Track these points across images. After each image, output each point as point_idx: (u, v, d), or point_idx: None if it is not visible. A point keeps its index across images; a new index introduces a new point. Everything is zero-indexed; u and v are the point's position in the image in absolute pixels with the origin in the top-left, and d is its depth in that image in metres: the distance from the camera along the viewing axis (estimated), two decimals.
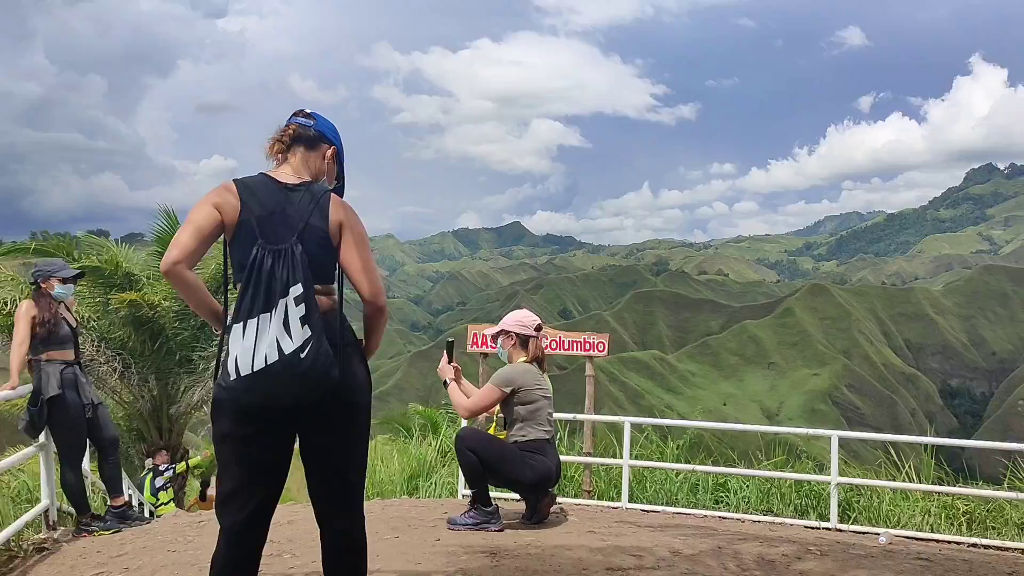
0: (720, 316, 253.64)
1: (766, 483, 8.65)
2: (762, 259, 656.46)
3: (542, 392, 5.92)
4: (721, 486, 9.03)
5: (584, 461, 9.03)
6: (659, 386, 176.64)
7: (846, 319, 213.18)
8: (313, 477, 3.09)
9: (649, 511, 8.15)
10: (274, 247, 2.87)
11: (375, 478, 10.74)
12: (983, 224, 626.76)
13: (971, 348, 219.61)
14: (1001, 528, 8.10)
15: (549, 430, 5.77)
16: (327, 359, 2.86)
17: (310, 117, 3.39)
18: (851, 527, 7.71)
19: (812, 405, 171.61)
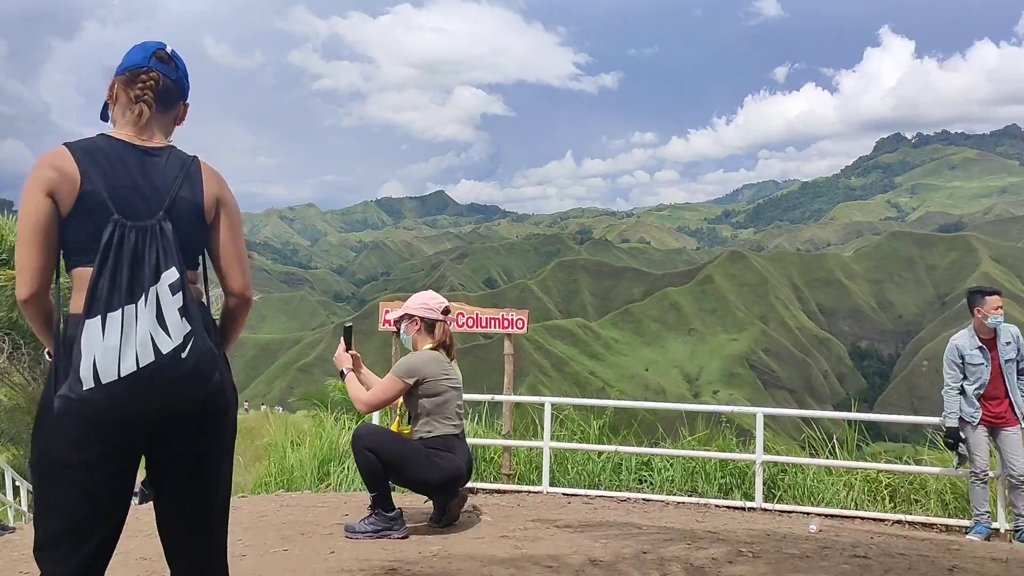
0: (642, 283, 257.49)
1: (691, 462, 8.35)
2: (683, 227, 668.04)
3: (450, 383, 5.30)
4: (645, 465, 8.71)
5: (503, 444, 8.58)
6: (583, 353, 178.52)
7: (763, 285, 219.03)
8: (166, 504, 2.48)
9: (571, 495, 7.77)
10: (137, 223, 2.29)
11: (285, 464, 10.07)
12: (891, 192, 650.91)
13: (879, 311, 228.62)
14: (923, 500, 7.99)
15: (458, 424, 5.15)
16: (211, 359, 2.34)
17: (171, 61, 2.62)
18: (777, 506, 7.48)
19: (731, 369, 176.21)
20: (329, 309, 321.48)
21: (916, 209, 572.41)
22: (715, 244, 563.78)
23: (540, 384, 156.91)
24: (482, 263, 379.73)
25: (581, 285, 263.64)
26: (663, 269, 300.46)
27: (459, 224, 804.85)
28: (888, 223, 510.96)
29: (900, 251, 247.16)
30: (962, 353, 7.11)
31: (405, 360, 5.25)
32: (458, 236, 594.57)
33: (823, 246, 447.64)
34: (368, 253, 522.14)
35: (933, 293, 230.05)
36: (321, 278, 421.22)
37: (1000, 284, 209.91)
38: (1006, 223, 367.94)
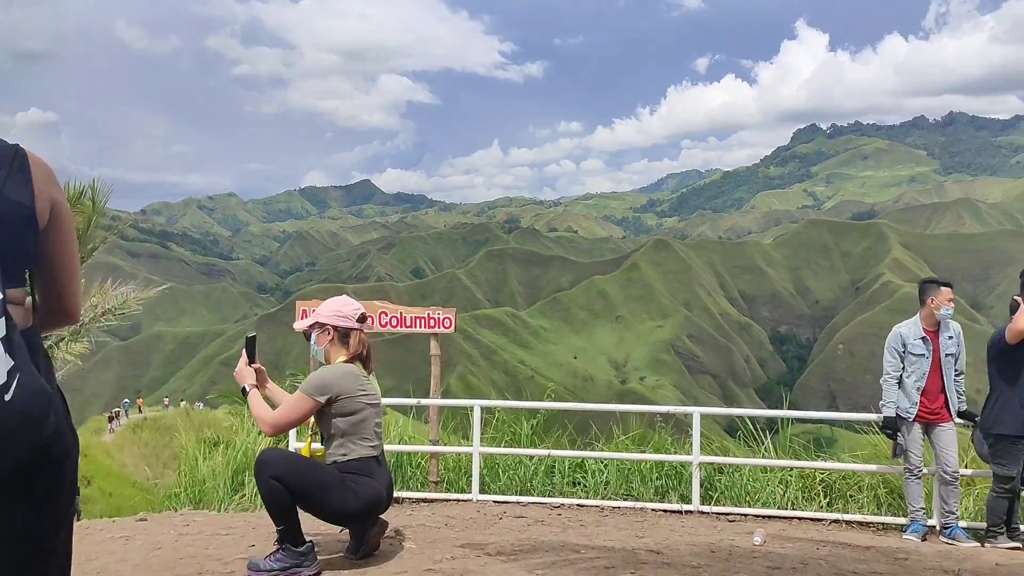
0: (570, 272, 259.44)
1: (625, 464, 8.05)
2: (609, 216, 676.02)
3: (368, 399, 4.72)
4: (579, 467, 8.37)
5: (431, 450, 8.11)
6: (512, 342, 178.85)
7: (687, 273, 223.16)
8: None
9: (502, 503, 7.37)
10: None
11: (196, 475, 9.37)
12: (808, 181, 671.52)
13: (797, 297, 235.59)
14: (857, 496, 7.88)
15: (377, 445, 4.58)
16: (43, 399, 1.82)
17: None
18: (715, 508, 7.24)
19: (656, 356, 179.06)
20: (252, 301, 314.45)
21: (831, 198, 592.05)
22: (641, 233, 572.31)
23: (469, 374, 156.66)
24: (409, 253, 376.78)
25: (509, 274, 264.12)
26: (590, 258, 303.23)
27: (386, 214, 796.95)
28: (805, 211, 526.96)
29: (816, 239, 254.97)
30: (905, 342, 6.99)
31: (316, 375, 4.67)
32: (385, 226, 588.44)
33: (744, 234, 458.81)
34: (292, 243, 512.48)
35: (847, 279, 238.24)
36: (243, 269, 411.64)
37: (909, 270, 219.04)
38: (914, 211, 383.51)
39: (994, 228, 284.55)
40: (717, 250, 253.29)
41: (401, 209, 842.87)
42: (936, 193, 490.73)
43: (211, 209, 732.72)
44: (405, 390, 52.89)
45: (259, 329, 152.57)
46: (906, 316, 7.57)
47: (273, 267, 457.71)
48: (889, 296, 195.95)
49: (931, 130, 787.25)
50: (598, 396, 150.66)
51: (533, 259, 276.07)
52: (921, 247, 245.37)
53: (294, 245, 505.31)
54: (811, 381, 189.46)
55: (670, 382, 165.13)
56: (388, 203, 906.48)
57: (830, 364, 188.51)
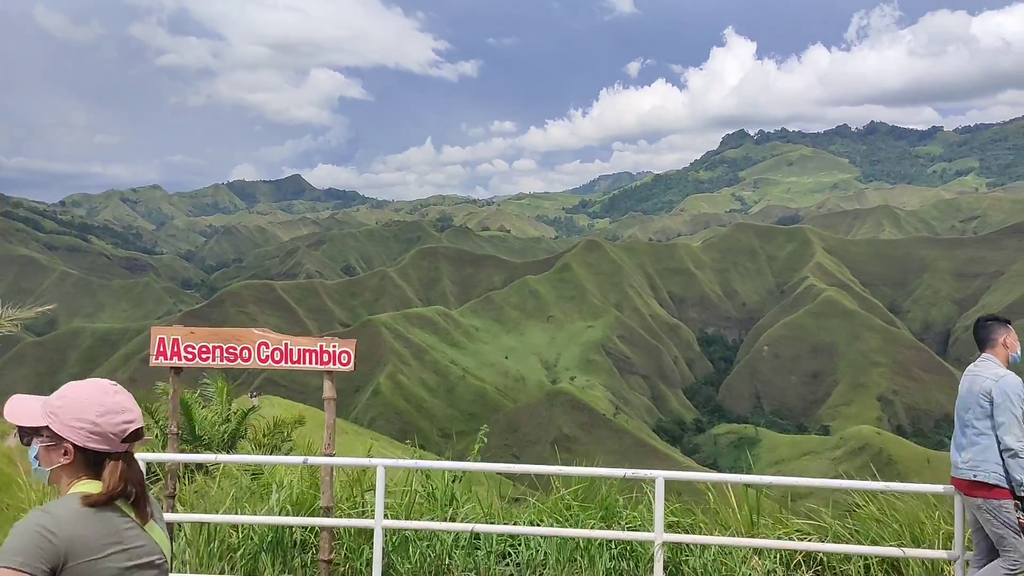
0: (502, 271, 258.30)
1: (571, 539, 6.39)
2: (542, 216, 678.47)
3: (129, 561, 2.67)
4: (511, 537, 6.69)
5: (321, 523, 6.30)
6: (443, 341, 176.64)
7: (618, 274, 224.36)
8: None
9: None
10: None
11: None
12: (736, 185, 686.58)
13: (725, 299, 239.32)
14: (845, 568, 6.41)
15: None
16: None
17: None
18: None
19: (587, 356, 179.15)
20: (176, 297, 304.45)
21: (758, 202, 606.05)
22: (573, 233, 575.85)
23: (400, 374, 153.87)
24: (340, 250, 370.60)
25: (442, 273, 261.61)
26: (523, 257, 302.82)
27: (316, 209, 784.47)
28: (733, 215, 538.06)
29: (744, 242, 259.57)
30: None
31: (26, 524, 2.60)
32: (315, 222, 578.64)
33: (674, 236, 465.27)
34: (219, 238, 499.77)
35: (773, 282, 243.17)
36: (167, 264, 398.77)
37: (831, 275, 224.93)
38: (837, 217, 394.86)
39: (911, 235, 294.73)
40: (647, 252, 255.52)
41: (332, 205, 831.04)
42: (857, 200, 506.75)
43: (134, 202, 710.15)
44: (315, 402, 49.44)
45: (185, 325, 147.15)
46: (829, 320, 5.95)
47: (199, 262, 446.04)
48: (812, 299, 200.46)
49: (853, 139, 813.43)
50: (529, 396, 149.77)
51: (465, 258, 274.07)
52: (843, 252, 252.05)
53: (221, 240, 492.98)
54: (737, 382, 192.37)
55: (600, 382, 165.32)
56: (319, 199, 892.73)
57: (755, 365, 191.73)
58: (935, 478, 33.50)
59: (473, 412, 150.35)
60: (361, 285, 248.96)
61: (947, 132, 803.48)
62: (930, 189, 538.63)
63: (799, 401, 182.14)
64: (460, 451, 52.77)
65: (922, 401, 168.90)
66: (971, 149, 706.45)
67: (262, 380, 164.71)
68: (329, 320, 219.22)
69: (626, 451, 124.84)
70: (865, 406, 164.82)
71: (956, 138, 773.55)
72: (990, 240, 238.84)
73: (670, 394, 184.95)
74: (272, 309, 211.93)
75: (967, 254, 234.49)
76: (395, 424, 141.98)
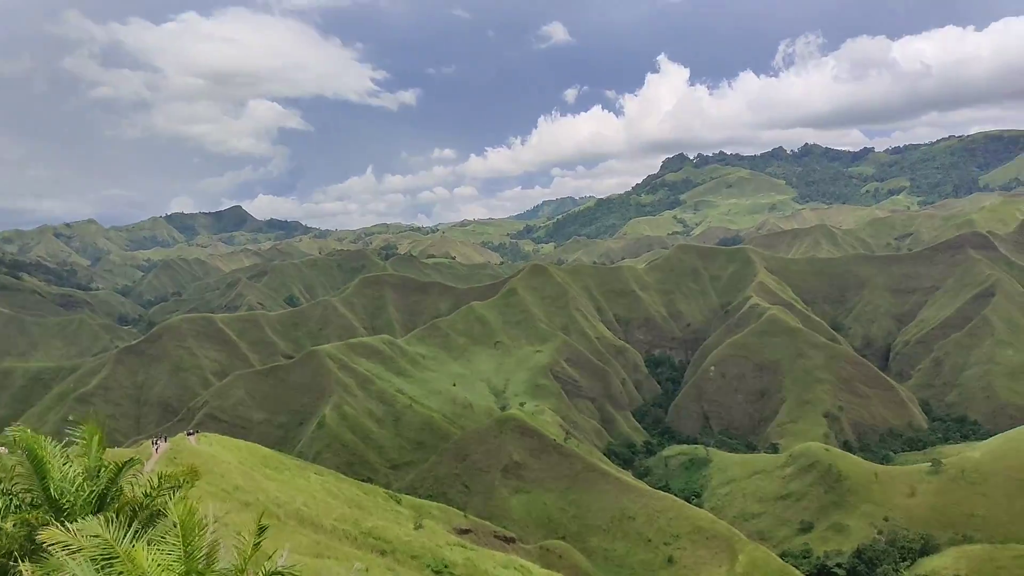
0: (448, 298, 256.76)
1: None
2: (486, 242, 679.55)
3: None
4: None
5: None
6: (389, 370, 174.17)
7: (564, 297, 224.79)
8: None
9: None
10: None
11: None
12: (677, 208, 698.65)
13: (670, 320, 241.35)
14: None
15: None
16: None
17: None
18: None
19: (535, 381, 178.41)
20: (113, 333, 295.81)
21: (699, 224, 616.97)
22: (518, 258, 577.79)
23: (345, 404, 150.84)
24: (283, 281, 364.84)
25: (387, 301, 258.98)
26: (468, 283, 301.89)
27: (258, 241, 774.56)
28: (675, 237, 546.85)
29: (687, 263, 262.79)
30: None
31: None
32: (257, 253, 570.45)
33: (618, 259, 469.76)
34: (157, 272, 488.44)
35: (717, 302, 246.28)
36: (103, 300, 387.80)
37: (774, 293, 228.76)
38: (776, 237, 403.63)
39: (848, 253, 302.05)
40: (592, 275, 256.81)
41: (274, 236, 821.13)
42: (795, 220, 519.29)
43: (68, 237, 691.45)
44: (278, 423, 47.94)
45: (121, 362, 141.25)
46: (774, 338, 5.11)
47: (136, 297, 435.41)
48: (756, 318, 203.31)
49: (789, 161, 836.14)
50: (477, 423, 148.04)
51: (411, 285, 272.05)
52: (784, 271, 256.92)
53: (159, 274, 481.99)
54: (685, 403, 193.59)
55: (549, 407, 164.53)
56: (260, 230, 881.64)
57: (703, 386, 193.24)
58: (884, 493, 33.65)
59: (421, 441, 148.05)
60: (304, 316, 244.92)
61: (878, 153, 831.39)
62: (864, 208, 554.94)
63: (747, 420, 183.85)
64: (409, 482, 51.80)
65: (867, 416, 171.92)
66: (901, 169, 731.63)
67: (203, 416, 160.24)
68: (272, 352, 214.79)
69: (577, 476, 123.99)
70: (812, 423, 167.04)
71: (887, 159, 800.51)
72: (924, 256, 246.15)
73: (619, 417, 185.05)
74: (212, 343, 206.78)
75: (902, 270, 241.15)
76: (342, 457, 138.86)
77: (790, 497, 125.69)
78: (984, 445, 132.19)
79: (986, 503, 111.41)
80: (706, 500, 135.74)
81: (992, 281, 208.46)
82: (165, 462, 49.65)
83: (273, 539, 41.85)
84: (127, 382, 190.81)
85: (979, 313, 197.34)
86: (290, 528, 47.19)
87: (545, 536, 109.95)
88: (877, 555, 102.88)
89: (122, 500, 11.28)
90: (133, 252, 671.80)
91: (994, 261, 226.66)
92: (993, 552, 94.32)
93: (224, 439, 78.67)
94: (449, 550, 62.83)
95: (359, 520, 59.95)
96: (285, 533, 44.67)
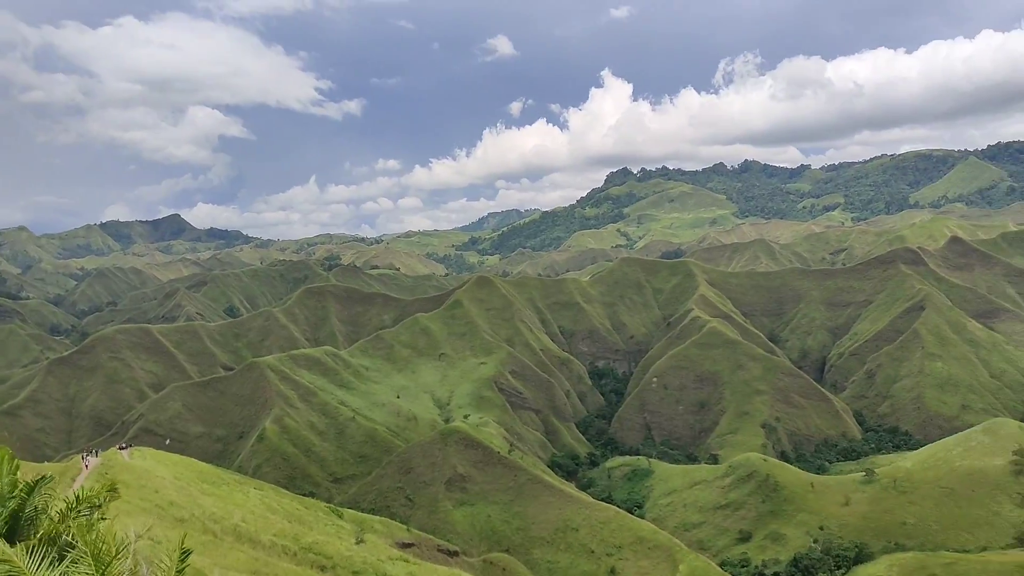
0: (392, 309, 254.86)
1: None
2: (431, 254, 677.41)
3: None
4: None
5: None
6: (332, 382, 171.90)
7: (509, 309, 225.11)
8: None
9: None
10: None
11: None
12: (621, 221, 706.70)
13: (613, 332, 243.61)
14: None
15: None
16: None
17: None
18: None
19: (480, 393, 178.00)
20: (44, 344, 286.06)
21: (642, 237, 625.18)
22: (463, 270, 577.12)
23: (287, 417, 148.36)
24: (223, 291, 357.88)
25: (330, 312, 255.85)
26: (413, 295, 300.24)
27: (197, 250, 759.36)
28: (619, 250, 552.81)
29: (630, 276, 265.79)
30: None
31: None
32: (196, 263, 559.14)
33: (563, 271, 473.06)
34: (91, 281, 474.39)
35: (659, 315, 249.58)
36: (34, 309, 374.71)
37: (715, 306, 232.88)
38: (716, 251, 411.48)
39: (786, 267, 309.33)
40: (537, 287, 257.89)
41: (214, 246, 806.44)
42: (735, 234, 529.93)
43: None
44: (217, 436, 46.93)
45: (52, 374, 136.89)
46: (714, 350, 5.25)
47: (69, 307, 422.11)
48: (698, 331, 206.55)
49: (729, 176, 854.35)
50: (421, 435, 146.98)
51: (354, 296, 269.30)
52: (724, 284, 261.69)
53: (93, 283, 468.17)
54: (628, 414, 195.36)
55: (493, 419, 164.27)
56: (200, 239, 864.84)
57: (645, 397, 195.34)
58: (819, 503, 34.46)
59: (364, 454, 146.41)
60: (245, 326, 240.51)
61: (814, 170, 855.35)
62: (801, 223, 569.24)
63: (688, 431, 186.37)
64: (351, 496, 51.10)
65: (803, 427, 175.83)
66: (836, 186, 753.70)
67: (137, 429, 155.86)
68: (211, 364, 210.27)
69: (521, 488, 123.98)
70: (750, 433, 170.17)
71: (822, 176, 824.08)
72: (857, 271, 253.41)
73: (563, 428, 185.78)
74: (148, 355, 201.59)
75: (837, 284, 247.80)
76: (282, 471, 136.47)
77: (729, 507, 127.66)
78: (915, 455, 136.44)
79: (917, 511, 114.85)
80: (648, 511, 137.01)
81: (922, 296, 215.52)
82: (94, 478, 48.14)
83: (209, 556, 40.64)
84: (58, 394, 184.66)
85: (910, 326, 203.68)
86: (227, 545, 46.12)
87: (489, 549, 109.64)
88: (813, 563, 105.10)
89: (38, 523, 10.82)
90: (66, 260, 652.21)
91: (924, 276, 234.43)
92: (924, 560, 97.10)
93: (159, 453, 76.61)
94: (391, 565, 62.20)
95: (299, 535, 58.92)
96: (221, 550, 43.64)
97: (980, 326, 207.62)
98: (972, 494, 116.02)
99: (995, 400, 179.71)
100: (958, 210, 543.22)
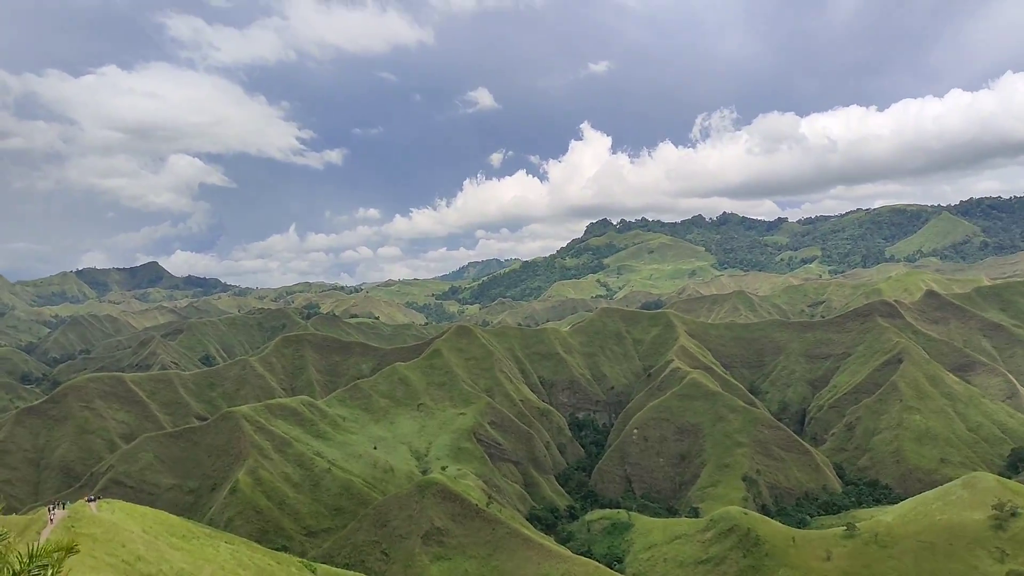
0: (371, 359, 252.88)
1: None
2: (411, 303, 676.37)
3: None
4: None
5: None
6: (308, 432, 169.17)
7: (489, 359, 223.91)
8: None
9: None
10: None
11: None
12: (601, 272, 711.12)
13: (594, 383, 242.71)
14: None
15: None
16: None
17: None
18: None
19: (458, 444, 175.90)
20: (14, 392, 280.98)
21: (622, 288, 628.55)
22: (443, 319, 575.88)
23: (261, 468, 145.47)
24: (199, 339, 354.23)
25: (307, 361, 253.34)
26: (392, 344, 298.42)
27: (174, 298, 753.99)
28: (598, 300, 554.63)
29: (610, 326, 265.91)
30: None
31: None
32: (172, 310, 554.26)
33: (542, 321, 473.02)
34: (65, 329, 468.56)
35: (640, 365, 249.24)
36: (5, 357, 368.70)
37: (695, 357, 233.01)
38: (696, 302, 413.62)
39: (765, 319, 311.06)
40: (517, 337, 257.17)
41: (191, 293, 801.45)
42: (714, 285, 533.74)
43: None
44: (188, 488, 45.59)
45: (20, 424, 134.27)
46: (694, 401, 4.92)
47: (41, 355, 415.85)
48: (678, 382, 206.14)
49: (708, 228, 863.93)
50: (398, 487, 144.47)
51: (332, 345, 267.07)
52: (704, 336, 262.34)
53: (67, 331, 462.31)
54: (608, 466, 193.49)
55: (472, 470, 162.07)
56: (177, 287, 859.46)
57: (626, 448, 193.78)
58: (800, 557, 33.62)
59: (340, 507, 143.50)
60: (220, 375, 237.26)
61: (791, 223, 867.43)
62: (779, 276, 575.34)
63: (669, 483, 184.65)
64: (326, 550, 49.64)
65: (783, 480, 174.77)
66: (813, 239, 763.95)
67: (107, 481, 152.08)
68: (185, 414, 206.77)
69: (499, 542, 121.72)
70: (731, 486, 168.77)
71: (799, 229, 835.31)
72: (836, 323, 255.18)
73: (543, 481, 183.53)
74: (121, 404, 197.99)
75: (816, 336, 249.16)
76: (255, 524, 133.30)
77: (710, 562, 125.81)
78: (895, 509, 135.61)
79: (897, 566, 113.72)
80: (628, 565, 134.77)
81: (900, 348, 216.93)
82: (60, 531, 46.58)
83: None
84: (27, 444, 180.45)
85: (888, 379, 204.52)
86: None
87: None
88: None
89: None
90: (40, 307, 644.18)
91: (901, 329, 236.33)
92: None
93: (128, 506, 74.58)
94: None
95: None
96: None
97: (957, 379, 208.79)
98: (952, 548, 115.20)
99: (972, 454, 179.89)
100: (933, 264, 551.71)
